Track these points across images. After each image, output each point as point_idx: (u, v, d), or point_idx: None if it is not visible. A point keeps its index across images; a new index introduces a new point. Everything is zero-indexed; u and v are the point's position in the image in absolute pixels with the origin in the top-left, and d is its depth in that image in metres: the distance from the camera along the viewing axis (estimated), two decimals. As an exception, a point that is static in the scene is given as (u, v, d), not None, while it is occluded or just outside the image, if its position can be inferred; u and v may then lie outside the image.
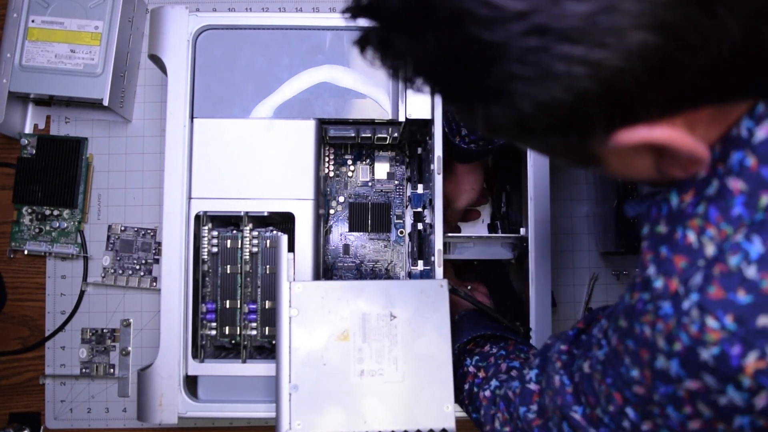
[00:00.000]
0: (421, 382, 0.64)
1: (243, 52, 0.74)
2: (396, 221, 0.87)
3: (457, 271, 0.86)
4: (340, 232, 0.87)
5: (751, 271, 0.35)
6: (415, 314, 0.65)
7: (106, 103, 0.82)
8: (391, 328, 0.65)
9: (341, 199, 0.87)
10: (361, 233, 0.87)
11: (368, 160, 0.88)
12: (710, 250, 0.37)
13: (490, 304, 0.82)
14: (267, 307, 0.74)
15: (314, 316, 0.65)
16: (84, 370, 0.87)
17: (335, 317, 0.65)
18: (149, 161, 0.90)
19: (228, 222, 0.77)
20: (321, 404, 0.63)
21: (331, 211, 0.87)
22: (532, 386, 0.55)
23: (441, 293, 0.66)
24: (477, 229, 0.87)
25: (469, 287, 0.85)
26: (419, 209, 0.84)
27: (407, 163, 0.88)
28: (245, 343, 0.73)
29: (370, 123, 0.76)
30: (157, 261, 0.88)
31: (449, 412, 0.64)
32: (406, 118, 0.75)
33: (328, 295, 0.65)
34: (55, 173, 0.87)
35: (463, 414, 0.71)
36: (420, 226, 0.83)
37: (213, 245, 0.74)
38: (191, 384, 0.72)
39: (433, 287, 0.66)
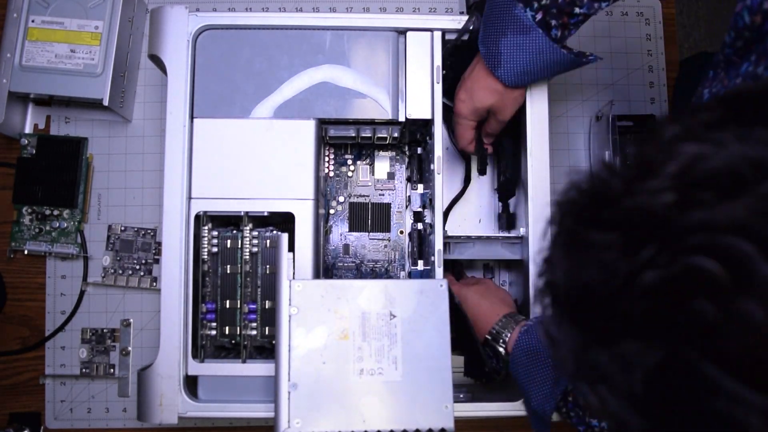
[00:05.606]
0: (421, 382, 0.64)
1: (243, 52, 0.74)
2: (396, 221, 0.87)
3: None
4: (340, 232, 0.87)
5: None
6: (415, 314, 0.65)
7: (106, 103, 0.82)
8: (391, 327, 0.65)
9: (341, 199, 0.87)
10: (361, 233, 0.87)
11: (368, 160, 0.88)
12: None
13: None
14: (267, 307, 0.74)
15: (314, 314, 0.65)
16: (84, 370, 0.87)
17: (335, 316, 0.65)
18: (149, 161, 0.90)
19: (228, 222, 0.77)
20: (320, 403, 0.63)
21: (331, 211, 0.87)
22: None
23: (440, 293, 0.66)
24: (477, 229, 0.87)
25: (471, 276, 0.85)
26: (419, 209, 0.84)
27: (407, 163, 0.88)
28: (245, 343, 0.73)
29: (370, 123, 0.76)
30: (157, 261, 0.88)
31: (448, 411, 0.64)
32: (406, 118, 0.75)
33: (328, 294, 0.65)
34: (55, 173, 0.87)
35: (461, 413, 0.71)
36: (420, 226, 0.83)
37: (213, 245, 0.74)
38: (191, 384, 0.72)
39: (432, 287, 0.67)
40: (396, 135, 0.80)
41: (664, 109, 0.92)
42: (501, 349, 0.70)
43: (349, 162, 0.88)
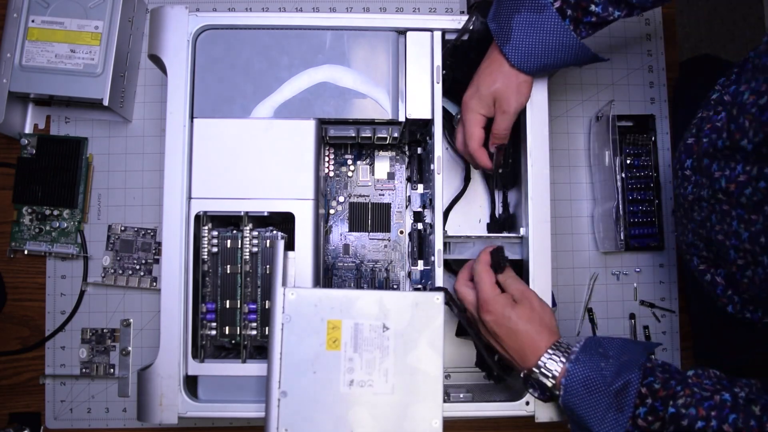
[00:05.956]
0: (411, 396, 0.64)
1: (243, 52, 0.74)
2: (396, 221, 0.87)
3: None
4: (340, 232, 0.87)
5: None
6: (409, 327, 0.65)
7: (106, 103, 0.82)
8: (384, 339, 0.65)
9: (341, 199, 0.87)
10: (361, 233, 0.87)
11: (368, 160, 0.88)
12: None
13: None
14: (267, 307, 0.74)
15: (307, 323, 0.64)
16: (84, 370, 0.87)
17: (327, 326, 0.64)
18: (149, 161, 0.90)
19: (228, 222, 0.77)
20: (309, 412, 0.63)
21: (331, 211, 0.87)
22: None
23: (435, 307, 0.66)
24: (477, 229, 0.87)
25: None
26: (419, 209, 0.84)
27: (407, 163, 0.88)
28: (245, 343, 0.73)
29: (370, 123, 0.76)
30: (157, 261, 0.88)
31: (437, 427, 0.64)
32: (406, 118, 0.75)
33: (322, 304, 0.65)
34: (55, 173, 0.87)
35: (461, 413, 0.71)
36: (420, 226, 0.83)
37: (213, 245, 0.74)
38: (191, 384, 0.72)
39: (427, 300, 0.66)
40: (396, 135, 0.80)
41: (664, 109, 0.93)
42: (549, 383, 0.64)
43: (349, 162, 0.88)
